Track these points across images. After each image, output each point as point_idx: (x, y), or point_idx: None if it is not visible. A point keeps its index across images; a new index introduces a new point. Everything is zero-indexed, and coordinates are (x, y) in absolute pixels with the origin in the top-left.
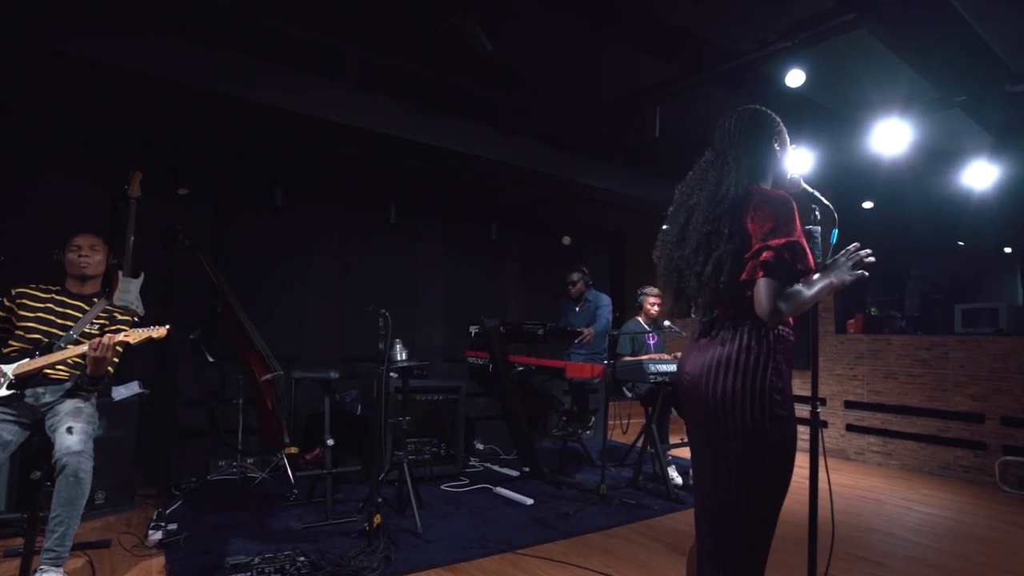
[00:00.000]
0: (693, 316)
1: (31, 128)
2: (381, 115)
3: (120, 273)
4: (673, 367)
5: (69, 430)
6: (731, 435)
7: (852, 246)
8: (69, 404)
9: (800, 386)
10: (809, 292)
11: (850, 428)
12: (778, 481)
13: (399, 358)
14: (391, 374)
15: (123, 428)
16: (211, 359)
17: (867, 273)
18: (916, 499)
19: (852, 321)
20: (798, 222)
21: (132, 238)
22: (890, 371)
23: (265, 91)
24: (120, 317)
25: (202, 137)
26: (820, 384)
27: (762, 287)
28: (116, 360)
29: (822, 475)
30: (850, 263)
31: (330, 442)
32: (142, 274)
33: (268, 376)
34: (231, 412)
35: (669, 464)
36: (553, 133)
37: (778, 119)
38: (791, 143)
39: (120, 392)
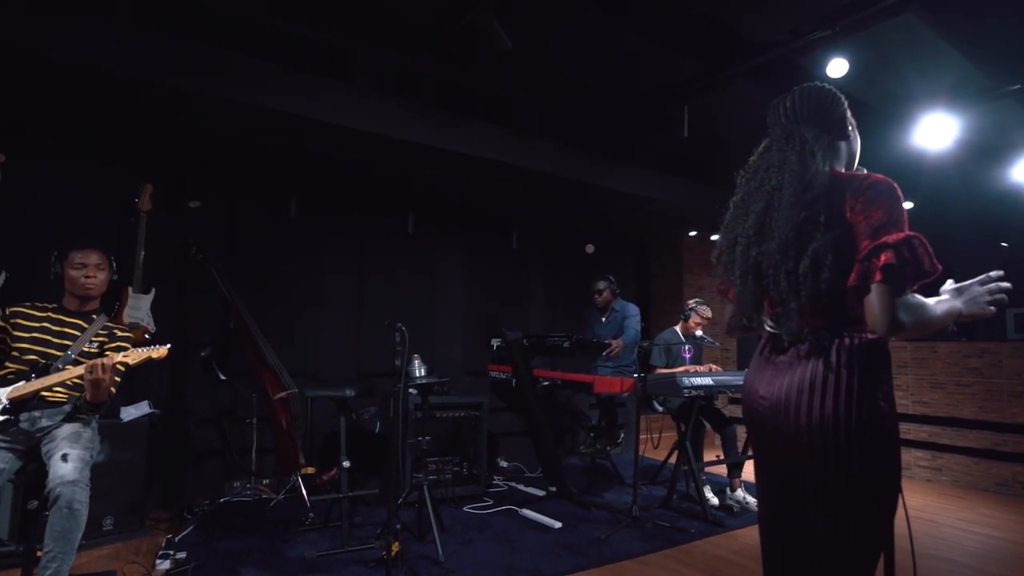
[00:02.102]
0: (768, 327)
1: (38, 140)
2: (397, 120)
3: (130, 289)
4: (708, 380)
5: (64, 457)
6: (828, 474)
7: (994, 273)
8: (67, 429)
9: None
10: (937, 311)
11: None
12: (882, 530)
13: (417, 374)
14: (410, 391)
15: (132, 450)
16: (223, 377)
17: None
18: (974, 520)
19: None
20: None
21: (143, 253)
22: (937, 381)
23: (278, 96)
24: (120, 334)
25: (213, 147)
26: None
27: (880, 295)
28: (118, 380)
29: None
30: (987, 295)
31: (346, 464)
32: (153, 290)
33: (282, 394)
34: (244, 431)
35: (704, 483)
36: (576, 136)
37: (842, 96)
38: None
39: (129, 412)
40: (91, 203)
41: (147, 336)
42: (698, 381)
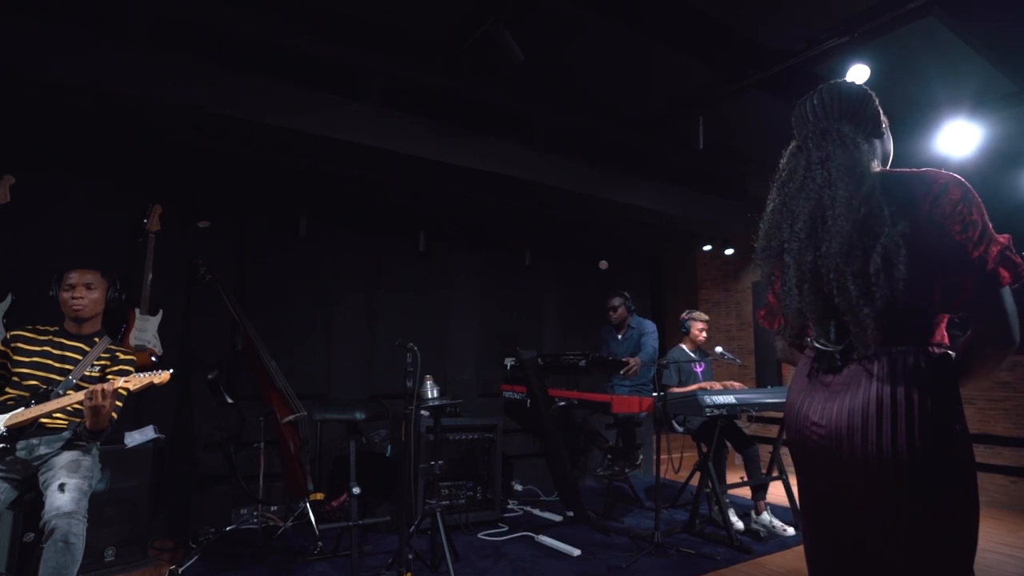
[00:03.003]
0: (818, 345)
1: (46, 160)
2: (408, 136)
3: (137, 311)
4: (731, 398)
5: (61, 487)
6: (902, 511)
7: None
8: (66, 457)
9: None
10: None
11: None
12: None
13: (430, 396)
14: (422, 413)
15: (136, 477)
16: (230, 400)
17: None
18: (1016, 544)
19: None
20: None
21: (151, 274)
22: (966, 396)
23: (287, 114)
24: (123, 357)
25: (222, 166)
26: None
27: (1008, 299)
28: (120, 406)
29: None
30: None
31: (356, 490)
32: (160, 311)
33: (291, 417)
34: (252, 456)
35: (728, 506)
36: (589, 149)
37: (873, 93)
38: None
39: (134, 438)
40: (100, 224)
41: (154, 359)
42: (720, 400)
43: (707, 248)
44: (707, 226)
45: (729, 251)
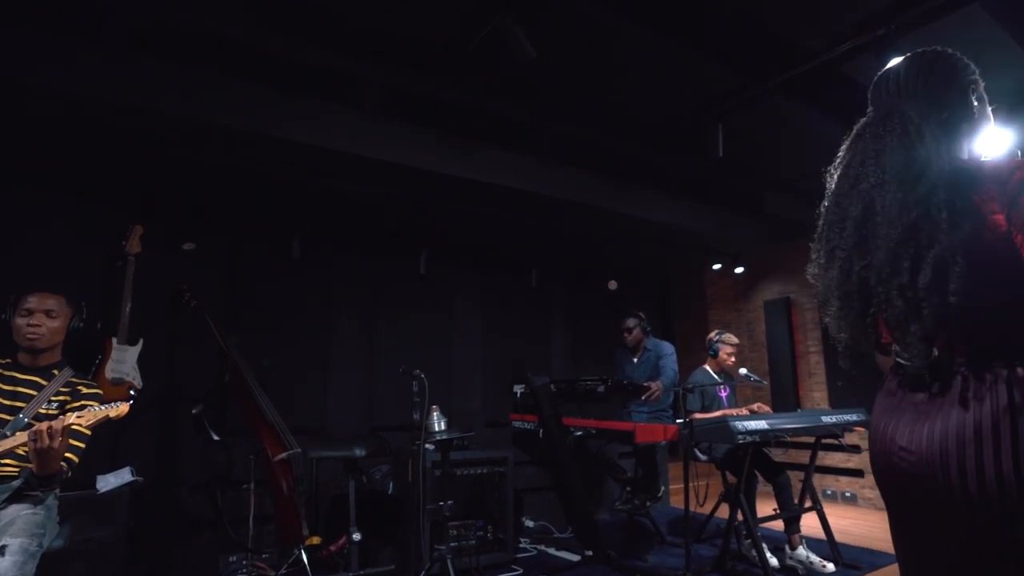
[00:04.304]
0: (900, 359)
1: (14, 176)
2: (409, 146)
3: (114, 340)
4: (763, 424)
5: (1, 550)
6: (1010, 551)
7: None
8: (12, 511)
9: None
10: None
11: None
12: None
13: (437, 428)
14: (427, 446)
15: (110, 526)
16: (216, 437)
17: None
18: None
19: None
20: None
21: (130, 300)
22: None
23: (278, 123)
24: (86, 391)
25: (209, 180)
26: None
27: None
28: (80, 446)
29: None
30: None
31: (356, 536)
32: (140, 340)
33: (283, 455)
34: (241, 498)
35: (760, 540)
36: (598, 161)
37: (972, 64)
38: None
39: (108, 482)
40: (73, 246)
41: (132, 392)
42: (752, 426)
43: (717, 267)
44: (720, 242)
45: (739, 269)
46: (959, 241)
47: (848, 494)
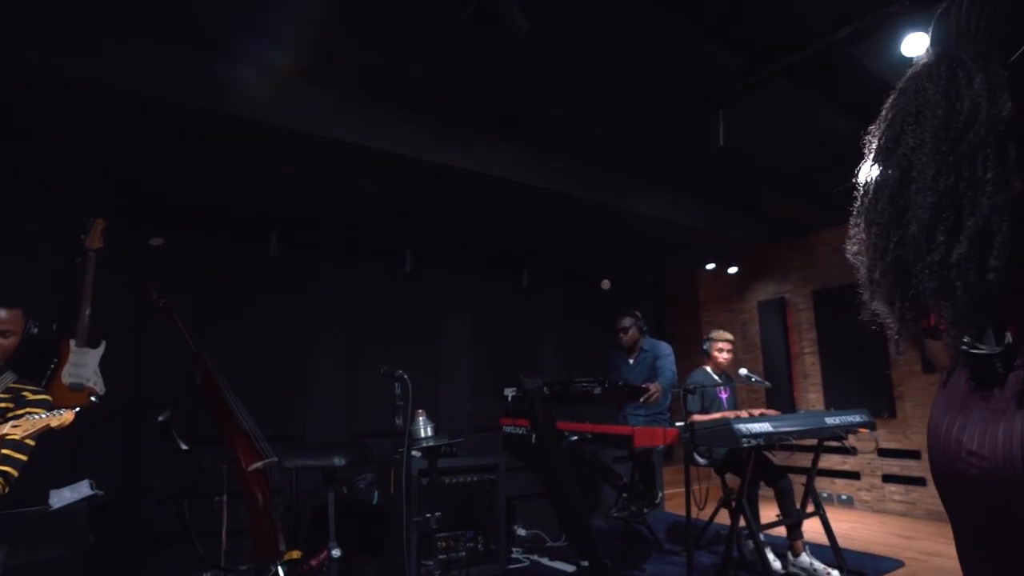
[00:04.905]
0: (967, 344)
1: None
2: (393, 131)
3: (72, 342)
4: (767, 427)
5: None
6: None
7: None
8: None
9: (890, 438)
10: None
11: None
12: None
13: (423, 434)
14: (414, 454)
15: (65, 545)
16: (184, 446)
17: None
18: None
19: None
20: None
21: (91, 299)
22: None
23: (252, 104)
24: (32, 397)
25: (178, 171)
26: (910, 434)
27: None
28: (21, 459)
29: None
30: None
31: (336, 552)
32: (103, 343)
33: (258, 464)
34: (213, 511)
35: (764, 547)
36: (593, 153)
37: None
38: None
39: (63, 496)
40: (28, 240)
41: (93, 399)
42: (756, 428)
43: (711, 267)
44: (716, 240)
45: (733, 269)
46: (1006, 203)
47: (844, 497)
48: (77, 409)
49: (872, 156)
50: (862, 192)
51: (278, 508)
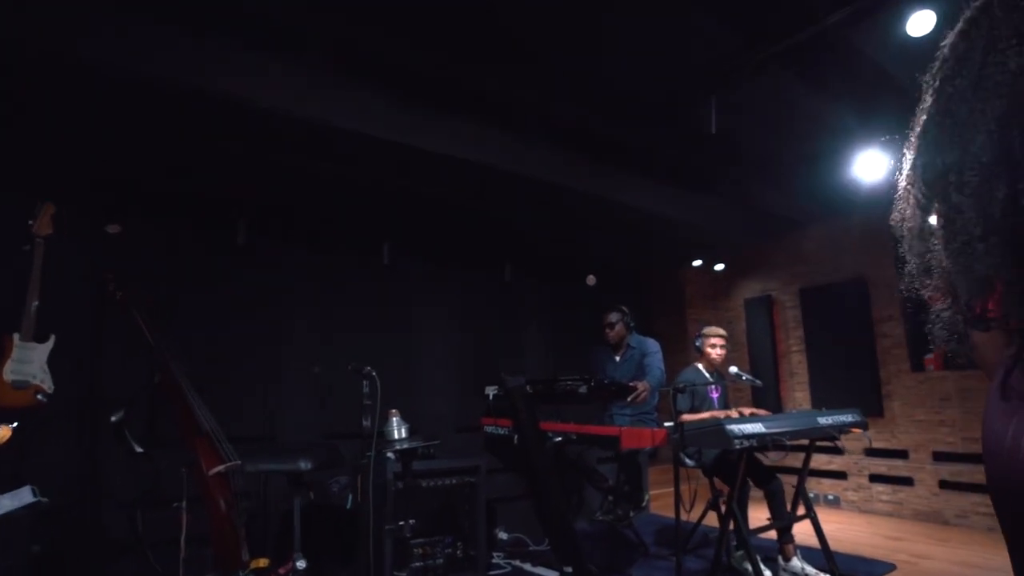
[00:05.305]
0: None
1: None
2: (367, 110)
3: (16, 337)
4: (759, 427)
5: None
6: None
7: None
8: None
9: (878, 438)
10: None
11: (945, 485)
12: None
13: (397, 436)
14: (389, 455)
15: (5, 556)
16: (139, 449)
17: None
18: None
19: (931, 356)
20: None
21: (38, 290)
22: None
23: (214, 76)
24: None
25: (136, 152)
26: (899, 433)
27: None
28: None
29: None
30: None
31: (301, 564)
32: (52, 337)
33: (220, 468)
34: (173, 518)
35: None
36: (579, 139)
37: None
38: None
39: (1, 505)
40: None
41: (40, 397)
42: (749, 429)
43: (697, 263)
44: (703, 234)
45: (719, 266)
46: None
47: (831, 497)
48: (14, 425)
49: (941, 93)
50: (920, 143)
51: (242, 514)
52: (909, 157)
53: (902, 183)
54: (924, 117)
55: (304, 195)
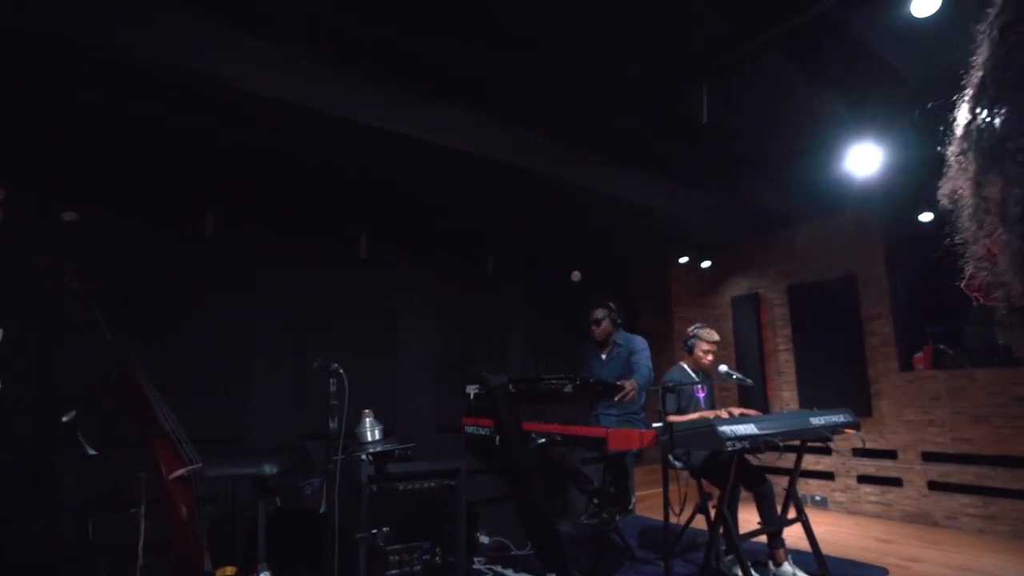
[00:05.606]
0: None
1: None
2: (336, 92)
3: None
4: (752, 429)
5: None
6: None
7: None
8: None
9: (866, 438)
10: None
11: (934, 486)
12: None
13: (369, 438)
14: (363, 458)
15: None
16: (92, 451)
17: None
18: None
19: (920, 355)
20: None
21: None
22: (980, 413)
23: (173, 49)
24: None
25: (95, 134)
26: (887, 433)
27: None
28: None
29: None
30: None
31: (265, 575)
32: (0, 331)
33: (181, 471)
34: (130, 524)
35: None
36: (565, 128)
37: None
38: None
39: None
40: None
41: None
42: (741, 430)
43: (683, 260)
44: (693, 228)
45: (706, 263)
46: None
47: (818, 498)
48: None
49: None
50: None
51: (204, 521)
52: (962, 120)
53: (952, 151)
54: (980, 73)
55: (277, 183)
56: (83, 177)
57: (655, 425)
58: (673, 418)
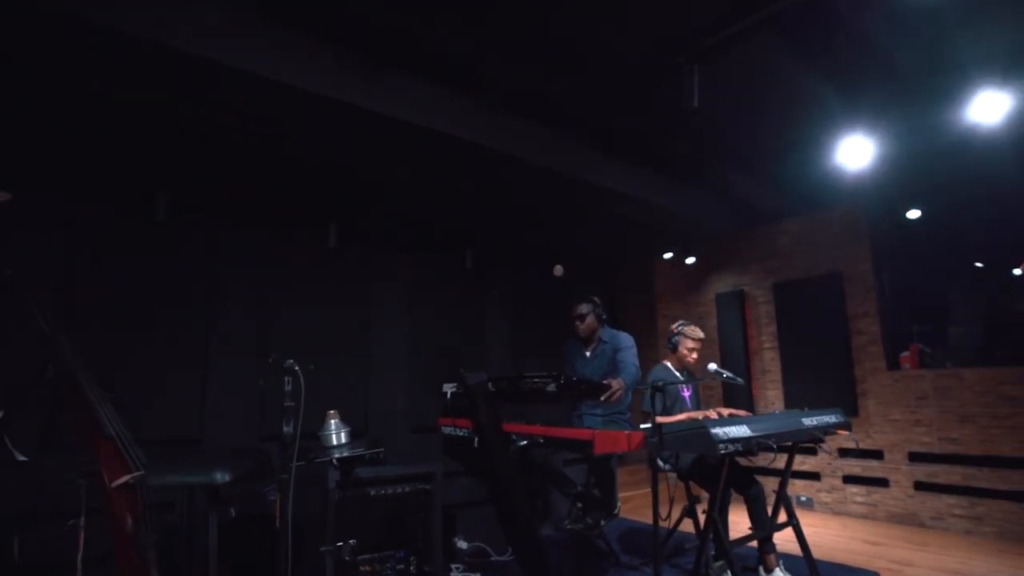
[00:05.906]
0: None
1: None
2: (307, 65)
3: None
4: (745, 430)
5: None
6: None
7: None
8: None
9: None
10: None
11: (920, 487)
12: None
13: (336, 441)
14: (331, 463)
15: None
16: (21, 457)
17: None
18: None
19: (907, 354)
20: None
21: None
22: (967, 413)
23: (124, 11)
24: None
25: (30, 103)
26: (874, 432)
27: None
28: None
29: None
30: None
31: None
32: None
33: (125, 479)
34: (69, 537)
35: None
36: (549, 112)
37: None
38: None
39: None
40: None
41: None
42: (734, 432)
43: (668, 256)
44: (675, 223)
45: (690, 260)
46: None
47: (804, 498)
48: None
49: None
50: None
51: (150, 535)
52: None
53: None
54: None
55: (238, 164)
56: (19, 156)
57: (642, 426)
58: (661, 419)
